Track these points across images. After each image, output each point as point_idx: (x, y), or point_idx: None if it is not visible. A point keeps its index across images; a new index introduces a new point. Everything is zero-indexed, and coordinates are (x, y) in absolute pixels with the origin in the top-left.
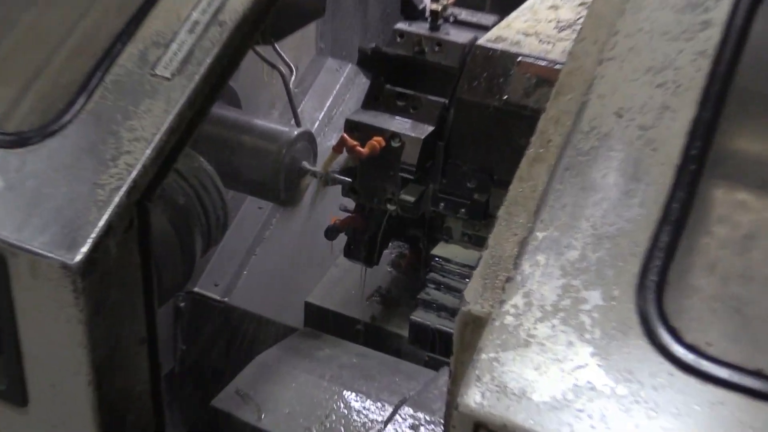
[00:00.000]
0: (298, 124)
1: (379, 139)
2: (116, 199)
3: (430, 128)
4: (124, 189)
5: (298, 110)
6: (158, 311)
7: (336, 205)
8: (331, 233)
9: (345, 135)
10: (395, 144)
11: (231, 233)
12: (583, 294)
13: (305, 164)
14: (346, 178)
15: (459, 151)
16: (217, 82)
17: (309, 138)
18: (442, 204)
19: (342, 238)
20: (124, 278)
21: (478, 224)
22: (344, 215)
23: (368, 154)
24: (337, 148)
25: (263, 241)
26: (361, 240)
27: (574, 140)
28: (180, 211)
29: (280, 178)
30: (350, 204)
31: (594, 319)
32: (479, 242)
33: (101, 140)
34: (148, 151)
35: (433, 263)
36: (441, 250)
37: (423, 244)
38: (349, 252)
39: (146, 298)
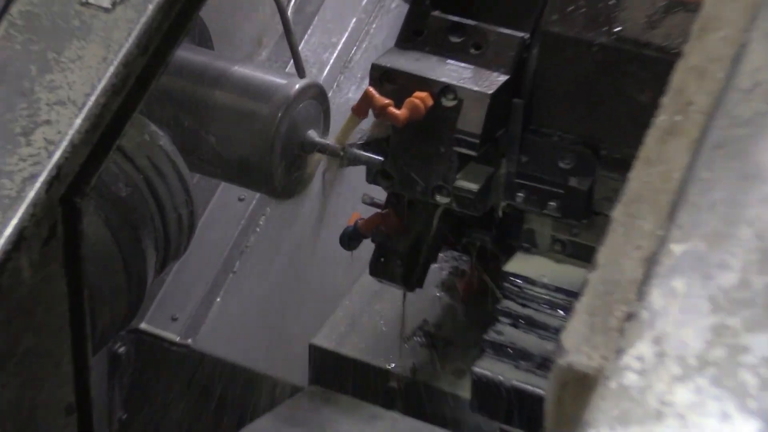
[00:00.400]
0: (299, 72)
1: (424, 95)
2: (30, 195)
3: (502, 78)
4: (41, 179)
5: (299, 49)
6: (92, 363)
7: (357, 197)
8: (349, 239)
9: (371, 89)
10: (448, 103)
11: (198, 240)
12: (744, 339)
13: (312, 134)
14: (374, 156)
15: (547, 114)
16: (180, 13)
17: (317, 94)
18: (521, 194)
19: (366, 248)
20: (42, 315)
21: (577, 226)
22: (371, 212)
23: (407, 118)
24: (360, 110)
25: (246, 251)
26: (397, 250)
27: (728, 102)
28: (123, 209)
29: (273, 155)
30: (379, 195)
31: (762, 379)
32: (579, 254)
33: (6, 105)
34: (78, 121)
35: (506, 285)
36: (520, 264)
37: (491, 255)
38: (379, 268)
39: (75, 345)
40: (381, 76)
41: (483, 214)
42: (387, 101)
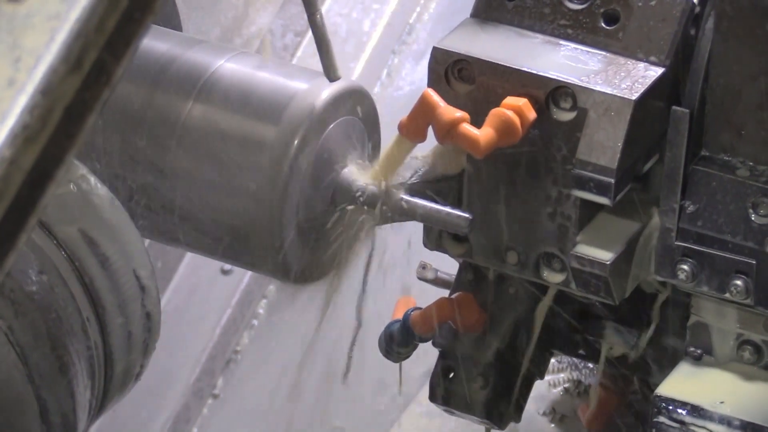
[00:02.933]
0: (328, 70)
1: (521, 102)
2: None
3: (655, 72)
4: None
5: (321, 27)
6: None
7: (407, 269)
8: (395, 343)
9: (431, 93)
10: (563, 115)
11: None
12: None
13: (349, 174)
14: (446, 209)
15: (730, 132)
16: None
17: (359, 105)
18: (686, 267)
19: (424, 356)
20: None
21: None
22: (432, 296)
23: (493, 143)
24: (412, 128)
25: (234, 361)
26: (477, 361)
27: None
28: (36, 313)
29: (284, 210)
30: (448, 267)
31: None
32: None
33: None
34: None
35: (661, 418)
36: (683, 383)
37: (637, 366)
38: (446, 390)
39: None
40: (448, 70)
41: (623, 301)
42: (459, 114)
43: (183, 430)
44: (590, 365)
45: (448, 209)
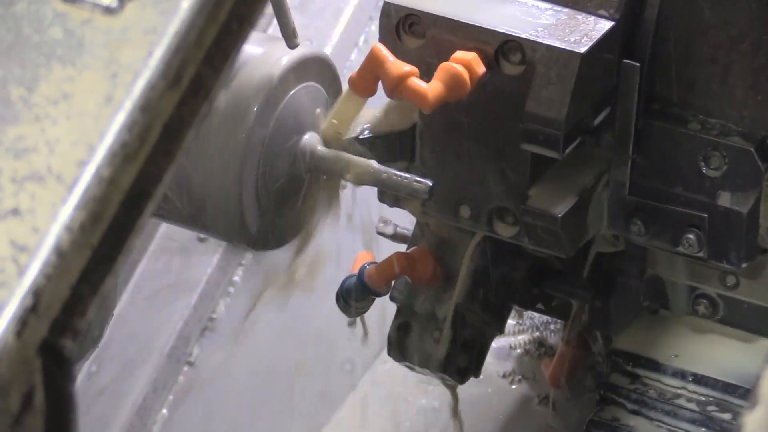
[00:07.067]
0: (287, 36)
1: (470, 56)
2: None
3: (604, 25)
4: (6, 314)
5: None
6: None
7: (368, 223)
8: (351, 298)
9: (380, 47)
10: (511, 69)
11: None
12: None
13: (311, 140)
14: (406, 175)
15: (681, 84)
16: (237, 8)
17: (320, 72)
18: (638, 221)
19: (381, 312)
20: None
21: (734, 273)
22: (390, 250)
23: (442, 97)
24: (362, 83)
25: (209, 330)
26: (434, 316)
27: None
28: None
29: (244, 179)
30: (402, 220)
31: None
32: (737, 318)
33: None
34: (68, 210)
35: (616, 372)
36: (638, 337)
37: (596, 320)
38: (403, 346)
39: None
40: (399, 24)
41: (572, 255)
42: (407, 68)
43: (159, 398)
44: (552, 326)
45: (408, 175)
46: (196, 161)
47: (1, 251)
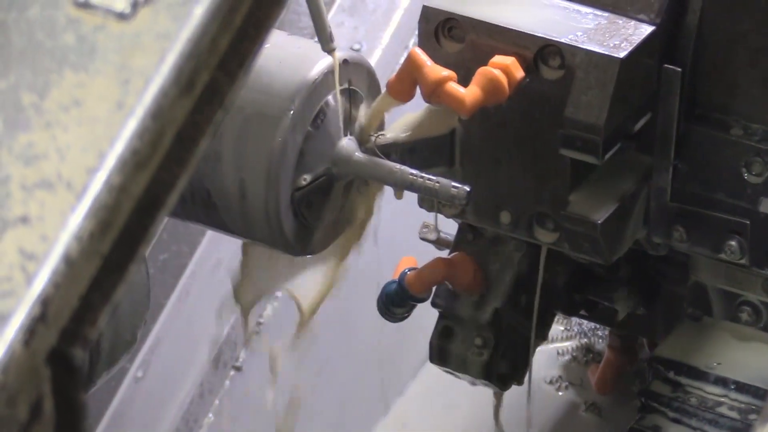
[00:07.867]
0: (324, 40)
1: (508, 61)
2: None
3: (644, 30)
4: (15, 323)
5: None
6: None
7: (410, 230)
8: (393, 304)
9: (418, 52)
10: (550, 74)
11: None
12: None
13: (348, 146)
14: (438, 178)
15: (724, 90)
16: (254, 12)
17: (359, 75)
18: (680, 228)
19: (422, 317)
20: None
21: None
22: (431, 255)
23: (480, 101)
24: (399, 87)
25: (256, 335)
26: (475, 320)
27: None
28: None
29: (280, 183)
30: (445, 226)
31: None
32: None
33: None
34: (78, 219)
35: (657, 381)
36: (679, 345)
37: (640, 328)
38: (445, 352)
39: None
40: (438, 28)
41: (612, 262)
42: (445, 73)
43: (205, 403)
44: (599, 332)
45: (445, 181)
46: (232, 166)
47: (9, 259)
